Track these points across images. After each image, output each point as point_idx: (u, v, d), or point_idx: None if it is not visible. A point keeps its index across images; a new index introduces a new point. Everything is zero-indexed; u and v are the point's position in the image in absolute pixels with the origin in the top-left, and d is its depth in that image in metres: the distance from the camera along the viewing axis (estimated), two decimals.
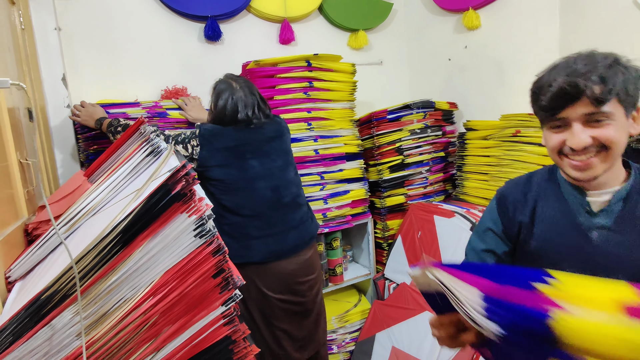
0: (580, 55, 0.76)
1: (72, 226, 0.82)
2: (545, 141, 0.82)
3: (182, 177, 0.72)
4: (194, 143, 1.44)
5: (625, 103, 0.74)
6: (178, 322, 0.74)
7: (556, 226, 0.85)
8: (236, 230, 1.47)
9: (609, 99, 0.71)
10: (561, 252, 0.84)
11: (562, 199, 0.86)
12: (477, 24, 2.34)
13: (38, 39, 1.69)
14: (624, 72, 0.73)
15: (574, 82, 0.72)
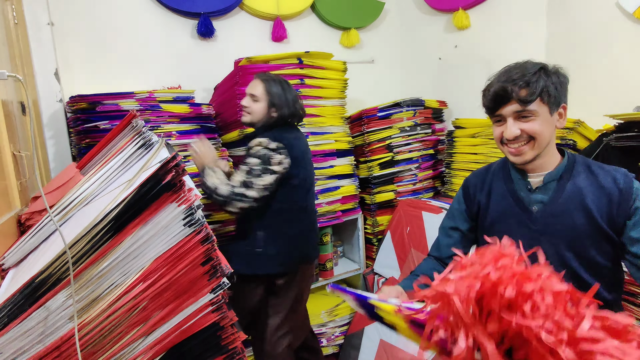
0: (516, 65, 0.96)
1: (65, 215, 0.84)
2: (493, 133, 1.01)
3: (172, 168, 0.75)
4: (278, 158, 1.43)
5: (549, 103, 0.92)
6: (167, 308, 0.77)
7: (506, 203, 1.03)
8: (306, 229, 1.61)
9: (532, 100, 0.90)
10: (510, 224, 1.02)
11: (510, 180, 1.04)
12: (467, 24, 2.38)
13: (31, 34, 1.70)
14: (547, 78, 0.91)
15: (505, 87, 0.91)
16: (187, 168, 1.71)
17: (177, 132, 1.73)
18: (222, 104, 2.01)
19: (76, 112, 1.61)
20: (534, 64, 0.94)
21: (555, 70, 0.94)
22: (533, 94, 0.89)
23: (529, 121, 0.92)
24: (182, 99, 1.76)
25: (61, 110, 1.77)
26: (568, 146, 1.80)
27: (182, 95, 1.76)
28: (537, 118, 0.92)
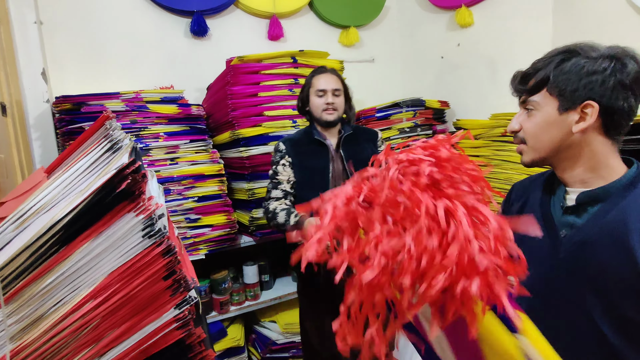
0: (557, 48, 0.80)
1: (21, 224, 0.79)
2: None
3: (129, 175, 0.69)
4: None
5: (559, 96, 0.74)
6: (123, 326, 0.71)
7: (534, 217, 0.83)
8: None
9: (530, 89, 0.78)
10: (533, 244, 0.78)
11: (549, 191, 0.86)
12: (470, 21, 2.30)
13: (17, 33, 1.66)
14: (562, 64, 0.74)
15: (522, 72, 0.80)
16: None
17: (164, 134, 1.68)
18: (214, 104, 1.96)
19: (61, 112, 1.57)
20: (566, 48, 0.76)
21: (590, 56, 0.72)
22: (528, 79, 0.78)
23: (530, 116, 0.79)
24: (170, 99, 1.70)
25: (48, 111, 1.73)
26: None
27: (170, 96, 1.71)
28: (537, 114, 0.77)
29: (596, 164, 0.76)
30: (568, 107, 0.74)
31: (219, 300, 1.90)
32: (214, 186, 1.78)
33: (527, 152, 0.81)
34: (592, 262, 0.73)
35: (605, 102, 0.72)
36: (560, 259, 0.77)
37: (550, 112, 0.76)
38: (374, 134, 1.62)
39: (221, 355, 1.91)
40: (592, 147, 0.75)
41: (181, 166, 1.72)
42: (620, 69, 0.71)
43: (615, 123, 0.74)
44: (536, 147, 0.79)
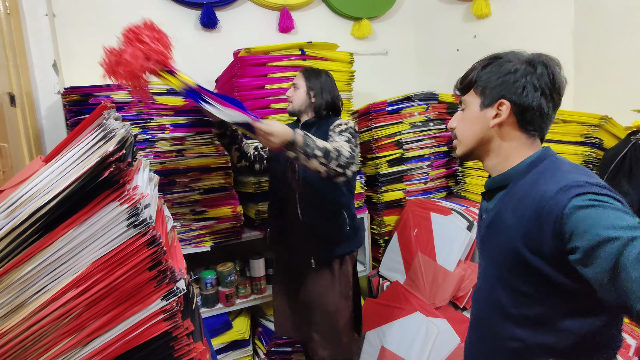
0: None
1: (12, 212, 0.79)
2: None
3: (112, 163, 0.68)
4: (357, 141, 1.48)
5: (481, 95, 0.83)
6: (106, 316, 0.70)
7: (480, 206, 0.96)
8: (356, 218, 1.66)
9: (461, 88, 0.88)
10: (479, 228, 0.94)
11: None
12: (487, 12, 2.22)
13: (29, 25, 1.69)
14: (490, 66, 0.82)
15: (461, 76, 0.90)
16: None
17: (170, 125, 1.68)
18: None
19: (69, 103, 1.59)
20: (495, 54, 0.84)
21: (508, 60, 0.81)
22: (463, 82, 0.87)
23: (462, 112, 0.88)
24: (176, 91, 1.69)
25: (59, 102, 1.76)
26: (593, 145, 1.63)
27: None
28: (466, 111, 0.86)
29: (508, 155, 0.83)
30: (487, 104, 0.82)
31: (225, 293, 1.90)
32: (220, 179, 1.77)
33: (458, 145, 0.89)
34: (493, 241, 0.84)
35: (516, 100, 0.80)
36: (481, 240, 0.90)
37: (474, 109, 0.84)
38: (334, 121, 1.51)
39: (226, 348, 1.91)
40: (507, 140, 0.83)
41: (187, 158, 1.72)
42: (532, 72, 0.79)
43: (528, 120, 0.81)
44: (463, 141, 0.87)
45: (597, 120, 1.63)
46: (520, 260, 0.75)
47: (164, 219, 0.95)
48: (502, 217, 0.80)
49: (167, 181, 1.69)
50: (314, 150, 1.22)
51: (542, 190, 0.72)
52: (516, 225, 0.76)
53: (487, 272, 0.88)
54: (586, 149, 1.65)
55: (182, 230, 1.73)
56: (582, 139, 1.66)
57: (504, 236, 0.80)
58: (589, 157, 1.64)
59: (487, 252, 0.88)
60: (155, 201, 0.90)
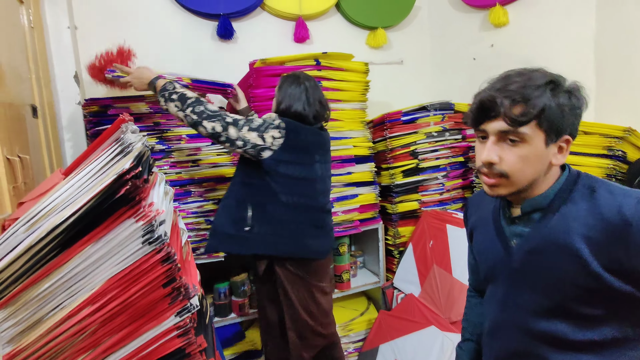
0: (520, 71, 0.74)
1: (32, 226, 0.80)
2: (475, 150, 0.80)
3: (128, 181, 0.69)
4: (276, 134, 1.40)
5: (548, 130, 0.70)
6: (121, 333, 0.70)
7: (487, 231, 0.87)
8: (291, 226, 1.47)
9: (524, 120, 0.69)
10: (492, 258, 0.85)
11: (496, 205, 0.87)
12: (505, 20, 2.19)
13: (52, 37, 1.74)
14: (554, 96, 0.70)
15: (494, 98, 0.70)
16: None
17: (187, 136, 1.70)
18: None
19: (89, 115, 1.62)
20: (543, 74, 0.72)
21: (570, 89, 0.72)
22: (527, 114, 0.68)
23: (515, 147, 0.71)
24: None
25: (80, 113, 1.80)
26: (617, 158, 1.58)
27: None
28: (525, 147, 0.71)
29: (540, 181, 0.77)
30: (552, 141, 0.72)
31: (238, 303, 1.90)
32: None
33: (506, 185, 0.74)
34: (542, 269, 0.75)
35: (575, 134, 0.75)
36: (515, 269, 0.80)
37: (539, 145, 0.71)
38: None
39: (238, 358, 1.91)
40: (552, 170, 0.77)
41: (202, 168, 1.73)
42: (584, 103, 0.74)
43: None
44: (518, 181, 0.73)
45: (620, 132, 1.58)
46: (591, 282, 0.69)
47: (178, 233, 0.96)
48: (558, 241, 0.72)
49: (183, 191, 1.70)
50: (171, 95, 1.38)
51: (614, 205, 0.68)
52: (586, 246, 0.69)
53: (524, 303, 0.79)
54: (609, 161, 1.60)
55: (197, 239, 1.74)
56: (604, 151, 1.62)
57: (565, 261, 0.72)
58: (612, 171, 1.59)
59: (529, 281, 0.78)
60: (171, 216, 0.91)
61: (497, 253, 0.83)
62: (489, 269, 0.87)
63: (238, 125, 1.36)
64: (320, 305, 1.58)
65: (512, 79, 0.71)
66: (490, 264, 0.86)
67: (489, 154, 0.73)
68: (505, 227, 0.82)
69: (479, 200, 0.96)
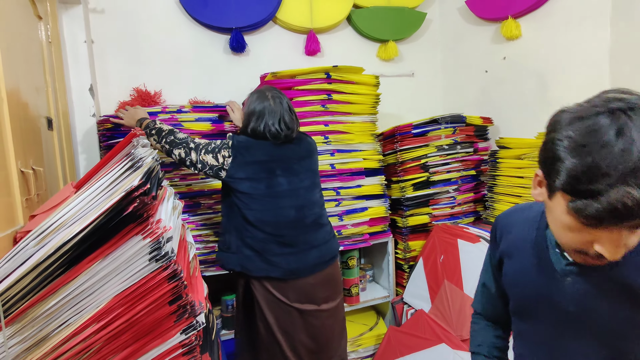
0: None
1: (42, 240, 0.81)
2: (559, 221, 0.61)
3: (136, 198, 0.69)
4: (225, 154, 1.45)
5: None
6: (126, 351, 0.70)
7: (529, 263, 0.77)
8: (258, 244, 1.47)
9: None
10: (535, 296, 0.76)
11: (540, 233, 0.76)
12: (517, 33, 2.17)
13: (69, 52, 1.78)
14: None
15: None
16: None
17: None
18: None
19: (103, 129, 1.65)
20: None
21: None
22: None
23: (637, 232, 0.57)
24: (204, 120, 1.73)
25: (94, 125, 1.83)
26: None
27: (204, 117, 1.74)
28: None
29: None
30: None
31: None
32: None
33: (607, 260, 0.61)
34: (605, 314, 0.68)
35: None
36: (568, 311, 0.71)
37: None
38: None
39: None
40: None
41: (212, 180, 1.74)
42: None
43: None
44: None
45: None
46: None
47: (186, 248, 0.96)
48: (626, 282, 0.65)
49: (193, 203, 1.71)
50: (151, 131, 1.51)
51: None
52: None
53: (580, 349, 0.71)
54: None
55: (205, 252, 1.74)
56: None
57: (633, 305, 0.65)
58: None
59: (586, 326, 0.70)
60: (178, 232, 0.91)
61: (542, 289, 0.74)
62: (527, 304, 0.79)
63: (198, 150, 1.46)
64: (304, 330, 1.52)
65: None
66: (531, 301, 0.77)
67: (620, 251, 0.57)
68: (555, 261, 0.72)
69: (511, 220, 0.85)
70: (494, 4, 2.23)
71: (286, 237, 1.49)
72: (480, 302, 0.99)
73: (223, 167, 1.45)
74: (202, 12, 2.08)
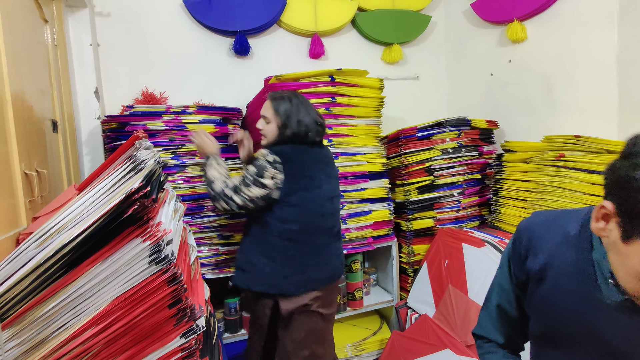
0: None
1: (43, 242, 0.81)
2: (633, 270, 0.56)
3: (136, 200, 0.69)
4: (271, 173, 1.36)
5: None
6: (125, 354, 0.70)
7: (571, 288, 0.67)
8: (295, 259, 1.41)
9: None
10: (573, 324, 0.68)
11: (588, 251, 0.66)
12: (523, 36, 2.16)
13: (74, 55, 1.79)
14: None
15: None
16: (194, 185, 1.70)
17: None
18: (252, 122, 1.97)
19: (108, 130, 1.66)
20: None
21: None
22: None
23: None
24: (207, 122, 1.74)
25: (99, 128, 1.84)
26: None
27: (208, 119, 1.74)
28: None
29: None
30: None
31: (248, 319, 1.87)
32: None
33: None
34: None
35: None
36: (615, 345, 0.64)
37: None
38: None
39: None
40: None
41: None
42: None
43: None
44: None
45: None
46: None
47: (187, 251, 0.95)
48: None
49: (196, 205, 1.71)
50: (206, 174, 1.46)
51: None
52: None
53: None
54: None
55: (208, 254, 1.74)
56: None
57: None
58: None
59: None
60: (179, 235, 0.90)
61: (583, 318, 0.66)
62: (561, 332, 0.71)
63: (239, 192, 1.37)
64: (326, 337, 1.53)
65: None
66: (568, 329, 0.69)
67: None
68: (607, 293, 0.64)
69: (543, 234, 0.74)
70: (500, 6, 2.21)
71: (318, 246, 1.45)
72: (495, 327, 0.85)
73: (277, 186, 1.38)
74: (207, 15, 2.09)
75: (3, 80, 1.06)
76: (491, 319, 0.85)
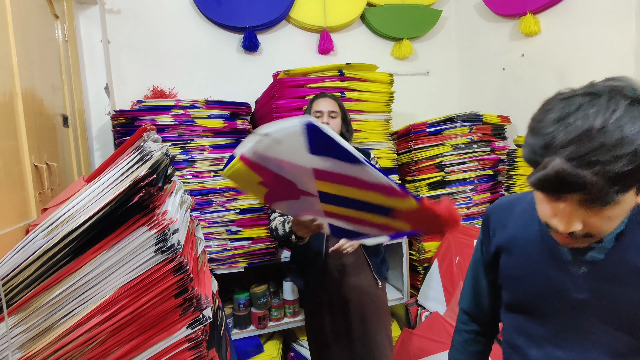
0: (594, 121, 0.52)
1: (50, 232, 0.81)
2: (537, 208, 0.63)
3: (142, 188, 0.68)
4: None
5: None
6: (131, 343, 0.69)
7: (536, 256, 0.75)
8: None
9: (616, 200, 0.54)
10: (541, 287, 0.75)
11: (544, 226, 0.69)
12: (536, 29, 2.11)
13: (85, 51, 1.81)
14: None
15: (576, 176, 0.52)
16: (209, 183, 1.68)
17: (210, 147, 1.71)
18: (261, 118, 1.97)
19: (117, 125, 1.67)
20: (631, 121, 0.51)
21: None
22: (622, 191, 0.53)
23: (600, 214, 0.56)
24: (216, 117, 1.73)
25: (109, 123, 1.85)
26: None
27: (216, 113, 1.73)
28: (615, 208, 0.56)
29: None
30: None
31: (258, 315, 1.87)
32: (256, 199, 1.77)
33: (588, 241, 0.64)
34: (623, 302, 0.67)
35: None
36: (582, 299, 0.70)
37: (632, 198, 0.58)
38: (367, 154, 1.62)
39: None
40: None
41: (224, 178, 1.73)
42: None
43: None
44: (603, 235, 0.61)
45: None
46: None
47: (193, 243, 0.95)
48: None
49: (205, 200, 1.71)
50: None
51: None
52: None
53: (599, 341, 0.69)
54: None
55: (217, 250, 1.73)
56: None
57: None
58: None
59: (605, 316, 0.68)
60: (186, 225, 0.90)
61: (549, 281, 0.73)
62: (531, 298, 0.76)
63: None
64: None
65: (592, 141, 0.52)
66: (537, 294, 0.75)
67: (568, 226, 0.58)
68: (566, 252, 0.71)
69: (505, 214, 0.82)
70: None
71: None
72: (470, 300, 0.94)
73: None
74: (216, 11, 2.09)
75: (14, 75, 1.07)
76: (469, 293, 0.95)
